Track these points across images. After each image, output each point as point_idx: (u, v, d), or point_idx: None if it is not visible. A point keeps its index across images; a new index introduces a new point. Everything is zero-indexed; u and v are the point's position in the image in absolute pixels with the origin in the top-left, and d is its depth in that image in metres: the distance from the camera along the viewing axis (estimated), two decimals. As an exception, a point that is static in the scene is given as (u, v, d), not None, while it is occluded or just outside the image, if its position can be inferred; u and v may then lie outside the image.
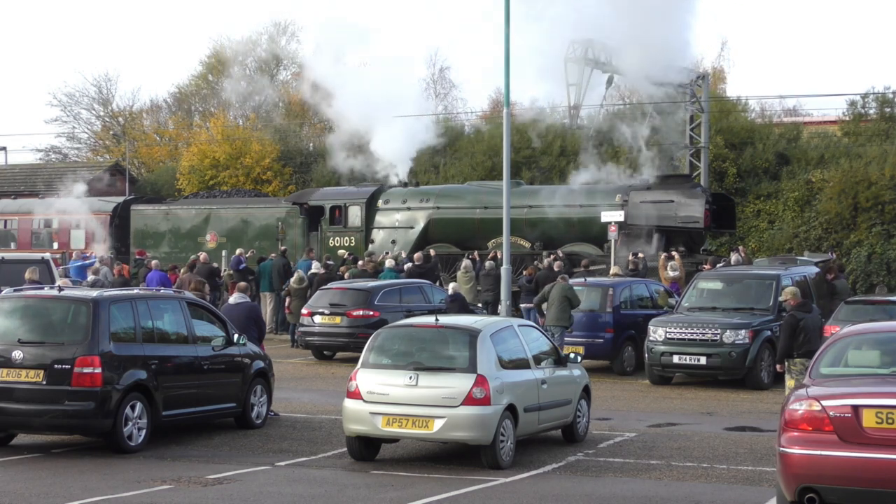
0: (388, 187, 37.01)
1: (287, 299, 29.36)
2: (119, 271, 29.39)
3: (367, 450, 14.51)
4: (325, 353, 26.91)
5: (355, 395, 14.23)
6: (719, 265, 28.71)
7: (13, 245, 41.90)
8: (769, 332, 22.15)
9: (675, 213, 31.60)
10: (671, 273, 27.96)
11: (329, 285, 27.28)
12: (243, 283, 20.46)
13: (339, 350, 26.61)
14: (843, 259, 33.08)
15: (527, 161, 42.23)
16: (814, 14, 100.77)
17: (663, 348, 22.27)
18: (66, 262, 34.95)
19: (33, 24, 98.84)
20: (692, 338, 22.08)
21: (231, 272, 30.85)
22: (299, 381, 22.94)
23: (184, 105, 64.22)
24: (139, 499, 12.25)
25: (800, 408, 10.67)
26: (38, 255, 27.26)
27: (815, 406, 10.58)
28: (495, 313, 27.27)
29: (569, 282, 24.21)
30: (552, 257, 29.95)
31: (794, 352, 17.18)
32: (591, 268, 31.40)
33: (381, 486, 13.03)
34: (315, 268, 30.38)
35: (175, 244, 38.84)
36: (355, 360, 15.32)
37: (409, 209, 35.61)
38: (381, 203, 36.20)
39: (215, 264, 32.14)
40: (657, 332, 22.38)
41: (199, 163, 49.40)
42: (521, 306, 28.53)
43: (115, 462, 14.28)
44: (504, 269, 26.91)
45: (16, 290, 16.05)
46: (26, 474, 13.52)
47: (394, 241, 35.39)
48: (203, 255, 31.15)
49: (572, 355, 16.55)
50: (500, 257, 28.79)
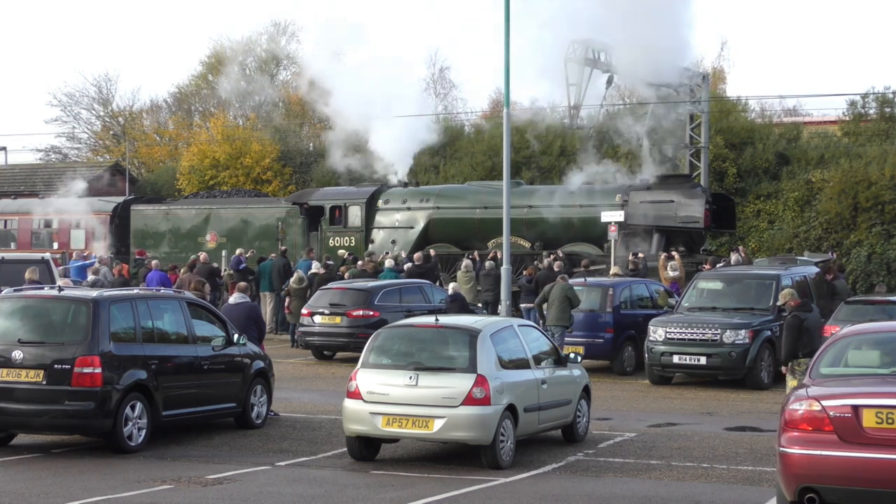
0: (388, 187, 37.01)
1: (287, 299, 29.37)
2: (119, 271, 29.38)
3: (367, 450, 14.51)
4: (325, 353, 26.92)
5: (355, 395, 14.24)
6: (719, 265, 28.69)
7: (13, 245, 41.89)
8: (769, 332, 22.16)
9: (675, 213, 31.59)
10: (671, 273, 27.96)
11: (329, 285, 27.29)
12: (243, 283, 20.46)
13: (339, 350, 26.61)
14: (843, 259, 33.06)
15: (527, 161, 42.21)
16: (814, 14, 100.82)
17: (663, 348, 22.28)
18: (65, 263, 34.93)
19: (33, 24, 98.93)
20: (692, 338, 22.08)
21: (231, 272, 30.84)
22: (299, 381, 22.94)
23: (184, 105, 64.19)
24: (139, 499, 12.25)
25: (800, 408, 10.68)
26: (38, 255, 27.22)
27: (815, 406, 10.59)
28: (495, 313, 27.27)
29: (568, 282, 24.23)
30: (552, 257, 29.95)
31: (798, 352, 17.16)
32: (591, 268, 31.40)
33: (381, 486, 13.03)
34: (315, 268, 30.38)
35: (175, 244, 38.84)
36: (355, 360, 15.32)
37: (409, 209, 35.60)
38: (381, 203, 36.20)
39: (215, 264, 32.11)
40: (657, 332, 22.38)
41: (199, 163, 49.38)
42: (521, 306, 28.54)
43: (115, 462, 14.28)
44: (504, 269, 26.91)
45: (16, 290, 16.06)
46: (26, 474, 13.52)
47: (394, 241, 35.39)
48: (203, 255, 31.12)
49: (572, 355, 16.55)
50: (500, 257, 28.78)
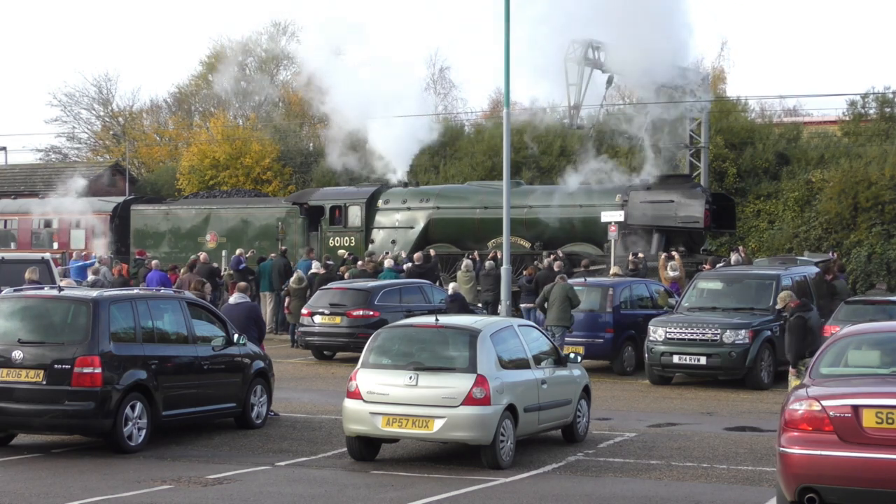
0: (388, 187, 37.01)
1: (287, 299, 29.37)
2: (119, 271, 29.38)
3: (367, 450, 14.51)
4: (325, 353, 26.92)
5: (355, 395, 14.23)
6: (719, 265, 28.69)
7: (13, 245, 41.90)
8: (769, 333, 22.16)
9: (675, 213, 31.58)
10: (671, 273, 27.95)
11: (329, 285, 27.29)
12: (243, 283, 20.47)
13: (339, 350, 26.61)
14: (843, 259, 33.05)
15: (527, 161, 42.20)
16: (814, 14, 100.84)
17: (663, 348, 22.27)
18: (65, 263, 34.93)
19: (33, 24, 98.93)
20: (692, 338, 22.08)
21: (231, 272, 30.85)
22: (299, 381, 22.93)
23: (184, 105, 64.19)
24: (139, 499, 12.25)
25: (800, 408, 10.67)
26: (38, 255, 27.21)
27: (815, 406, 10.58)
28: (495, 313, 27.27)
29: (568, 281, 24.23)
30: (552, 257, 29.95)
31: (805, 352, 17.15)
32: (591, 268, 31.40)
33: (381, 486, 13.03)
34: (315, 268, 30.39)
35: (175, 244, 38.84)
36: (355, 360, 15.32)
37: (409, 209, 35.59)
38: (381, 203, 36.19)
39: (215, 264, 32.11)
40: (657, 332, 22.38)
41: (199, 163, 49.38)
42: (521, 306, 28.55)
43: (115, 462, 14.27)
44: (504, 269, 26.92)
45: (16, 290, 16.06)
46: (26, 474, 13.52)
47: (394, 241, 35.38)
48: (203, 255, 31.12)
49: (572, 355, 16.55)
50: (500, 257, 28.78)
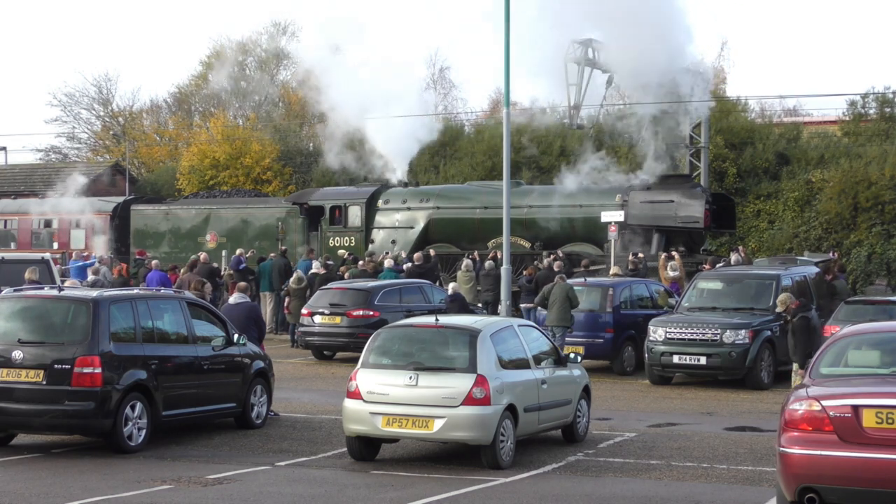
0: (388, 187, 37.00)
1: (287, 299, 29.36)
2: (119, 271, 29.37)
3: (367, 450, 14.51)
4: (325, 353, 26.92)
5: (355, 395, 14.23)
6: (719, 265, 28.69)
7: (13, 245, 41.90)
8: (769, 332, 22.16)
9: (675, 213, 31.57)
10: (671, 273, 27.95)
11: (329, 285, 27.29)
12: (243, 283, 20.47)
13: (339, 350, 26.61)
14: (844, 259, 33.05)
15: (527, 161, 42.20)
16: (814, 14, 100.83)
17: (663, 348, 22.27)
18: (65, 263, 34.93)
19: (33, 24, 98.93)
20: (692, 338, 22.07)
21: (231, 272, 30.84)
22: (299, 381, 22.93)
23: (184, 105, 64.18)
24: (139, 499, 12.25)
25: (800, 408, 10.67)
26: (38, 255, 27.21)
27: (815, 406, 10.58)
28: (495, 313, 27.27)
29: (567, 281, 24.23)
30: (552, 257, 29.96)
31: (812, 352, 17.13)
32: (591, 268, 31.39)
33: (381, 486, 13.03)
34: (315, 268, 30.39)
35: (175, 244, 38.84)
36: (355, 360, 15.32)
37: (409, 209, 35.59)
38: (381, 203, 36.19)
39: (215, 264, 32.11)
40: (657, 332, 22.37)
41: (199, 163, 49.38)
42: (521, 306, 28.54)
43: (115, 462, 14.27)
44: (504, 269, 26.92)
45: (16, 290, 16.05)
46: (26, 474, 13.52)
47: (394, 241, 35.38)
48: (203, 255, 31.11)
49: (572, 355, 16.55)
50: (500, 257, 28.78)
